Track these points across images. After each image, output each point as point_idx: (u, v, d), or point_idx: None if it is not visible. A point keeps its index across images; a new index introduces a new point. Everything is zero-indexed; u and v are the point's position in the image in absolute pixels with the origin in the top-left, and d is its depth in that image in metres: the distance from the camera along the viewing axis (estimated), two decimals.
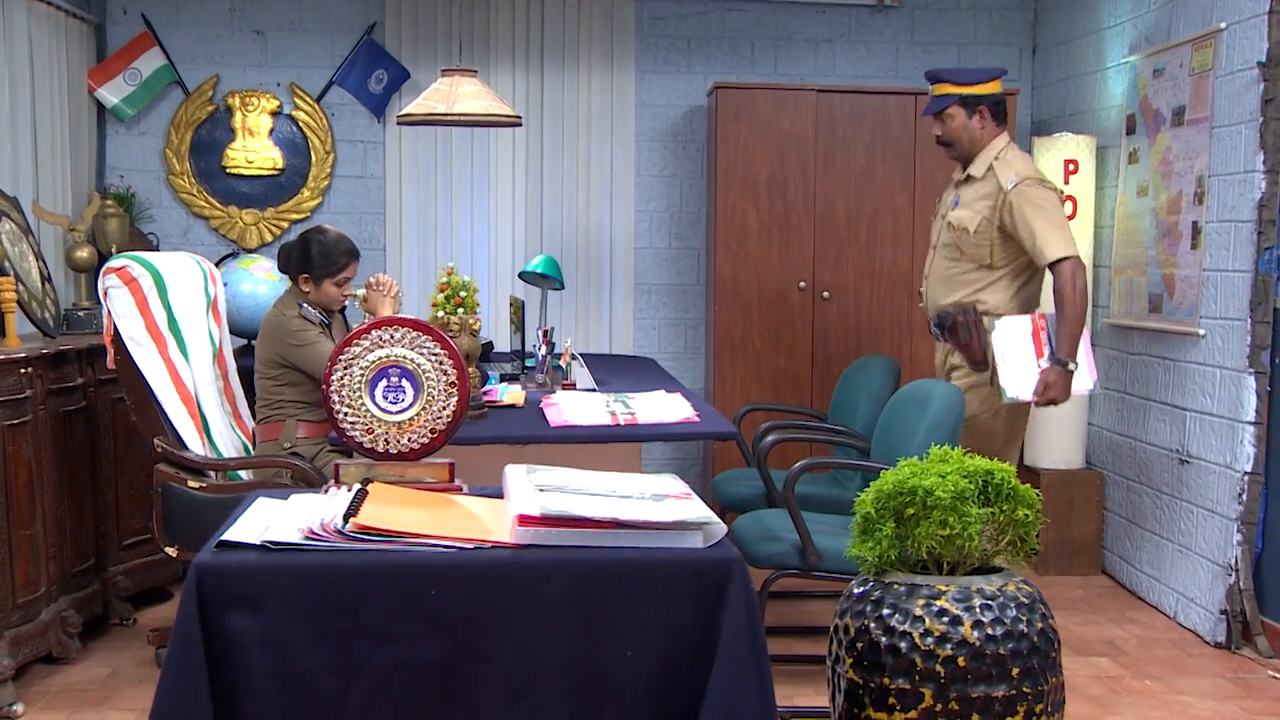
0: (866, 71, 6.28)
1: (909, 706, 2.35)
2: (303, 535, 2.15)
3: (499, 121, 4.65)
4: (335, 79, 6.12)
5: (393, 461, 2.55)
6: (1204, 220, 4.72)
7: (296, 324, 4.24)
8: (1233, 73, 4.57)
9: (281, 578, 2.09)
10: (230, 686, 2.07)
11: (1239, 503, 4.51)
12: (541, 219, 6.15)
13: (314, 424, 4.30)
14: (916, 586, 2.43)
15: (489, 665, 2.14)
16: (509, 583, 2.14)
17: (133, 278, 4.14)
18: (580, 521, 2.18)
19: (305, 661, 2.08)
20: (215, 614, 2.06)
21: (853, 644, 2.45)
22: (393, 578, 2.12)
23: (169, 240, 6.10)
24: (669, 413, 3.77)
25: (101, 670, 4.27)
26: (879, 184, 5.85)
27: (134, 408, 4.16)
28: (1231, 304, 4.56)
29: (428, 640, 2.12)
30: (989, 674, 2.33)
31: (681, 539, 2.21)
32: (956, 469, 2.44)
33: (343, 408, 2.52)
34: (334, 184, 6.18)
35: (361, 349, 2.53)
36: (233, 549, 2.15)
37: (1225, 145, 4.60)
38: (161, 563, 5.00)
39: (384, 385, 2.53)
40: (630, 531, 2.19)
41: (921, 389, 4.16)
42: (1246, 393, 4.49)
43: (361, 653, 2.11)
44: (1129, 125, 5.33)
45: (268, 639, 2.07)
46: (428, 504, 2.38)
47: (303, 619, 2.09)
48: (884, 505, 2.48)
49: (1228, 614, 4.56)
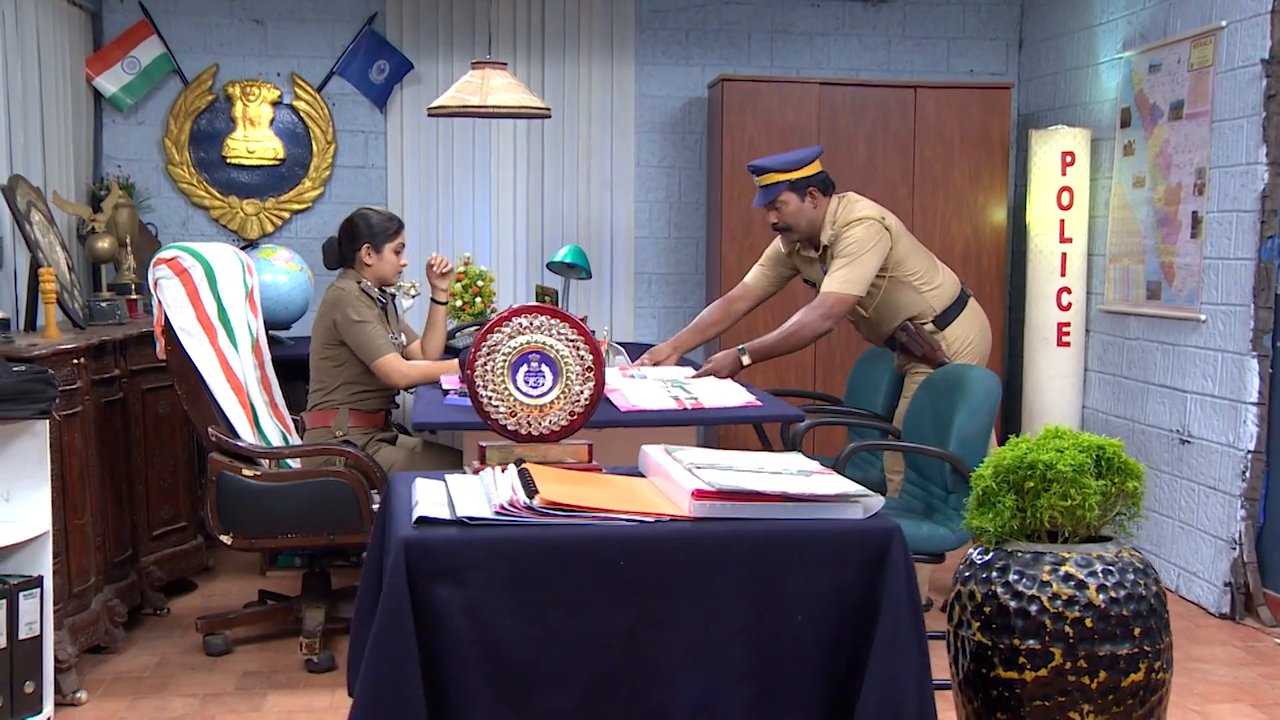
0: (860, 64, 6.49)
1: (1039, 665, 2.54)
2: (494, 510, 2.27)
3: (531, 113, 4.77)
4: (336, 69, 6.17)
5: (534, 443, 2.67)
6: (1204, 210, 4.99)
7: (357, 298, 4.34)
8: (1234, 69, 4.83)
9: (480, 551, 2.22)
10: (435, 655, 2.19)
11: (1242, 480, 4.79)
12: (543, 209, 6.26)
13: (365, 413, 4.39)
14: (1040, 554, 2.62)
15: (672, 631, 2.29)
16: (691, 553, 2.29)
17: (184, 269, 4.18)
18: (753, 495, 2.33)
19: (504, 630, 2.22)
20: (421, 586, 2.18)
21: (979, 608, 2.63)
22: (584, 550, 2.26)
23: (168, 231, 6.11)
24: (729, 398, 3.92)
25: (150, 659, 4.31)
26: (880, 176, 6.05)
27: (185, 397, 4.21)
28: (1234, 290, 4.83)
29: (616, 609, 2.27)
30: (1114, 634, 2.53)
31: (843, 510, 2.38)
32: (1073, 444, 2.63)
33: (487, 391, 2.63)
34: (335, 174, 6.23)
35: (503, 335, 2.65)
36: (431, 525, 2.26)
37: (1227, 139, 4.87)
38: (188, 553, 5.06)
39: (525, 370, 2.65)
40: (798, 504, 2.35)
41: (955, 373, 4.35)
42: (1249, 375, 4.76)
43: (555, 621, 2.25)
44: (1124, 118, 5.59)
45: (470, 609, 2.20)
46: (589, 482, 2.52)
47: (501, 590, 2.22)
48: (1003, 479, 2.66)
49: (1232, 586, 4.83)
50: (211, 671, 4.21)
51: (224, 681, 4.11)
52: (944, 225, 6.13)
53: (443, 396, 4.04)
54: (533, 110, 4.73)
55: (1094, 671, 2.52)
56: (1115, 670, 2.52)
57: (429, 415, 3.72)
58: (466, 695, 2.20)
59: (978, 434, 4.08)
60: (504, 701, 2.22)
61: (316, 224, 6.20)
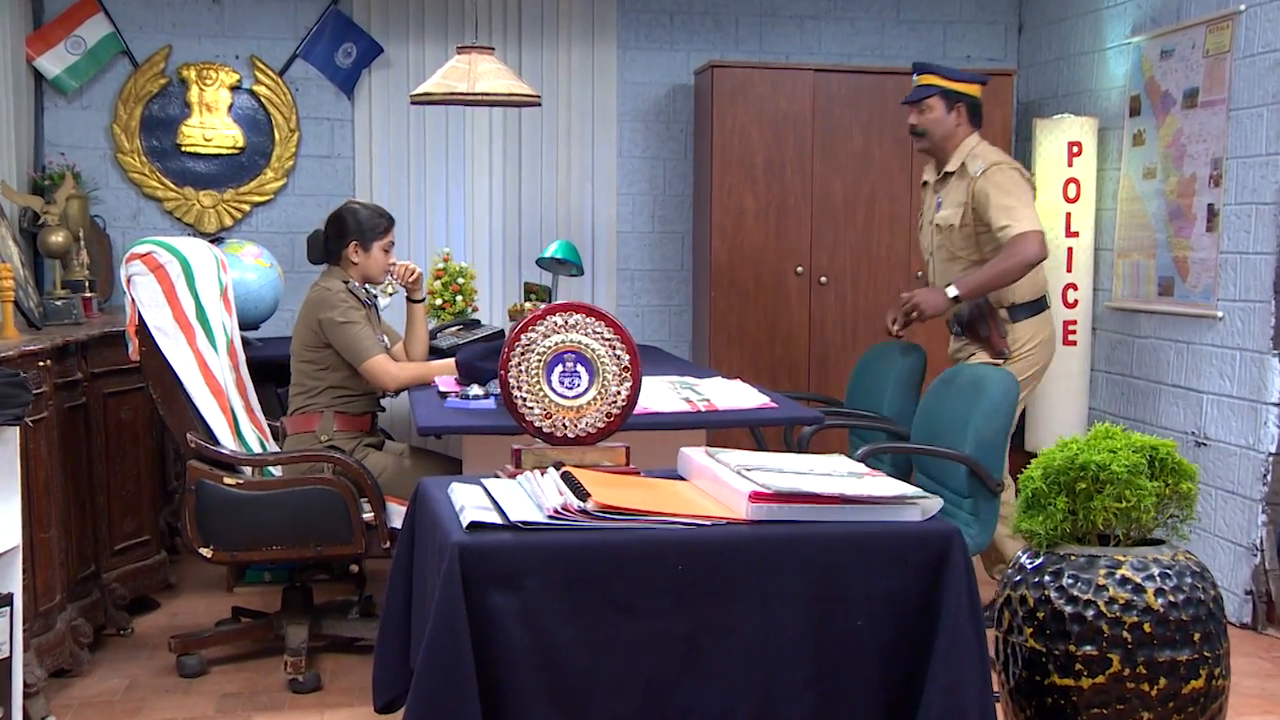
0: (852, 50, 6.61)
1: (1096, 672, 2.65)
2: (547, 515, 2.34)
3: (521, 101, 4.83)
4: (299, 52, 6.20)
5: (570, 445, 2.74)
6: (1221, 203, 5.15)
7: (343, 298, 4.38)
8: (1253, 55, 4.99)
9: (536, 556, 2.30)
10: (489, 663, 2.26)
11: (1263, 484, 4.94)
12: (520, 202, 6.33)
13: (351, 417, 4.44)
14: (1095, 558, 2.73)
15: (731, 637, 2.38)
16: (750, 557, 2.39)
17: (159, 264, 4.21)
18: (811, 498, 2.42)
19: (560, 637, 2.30)
20: (477, 591, 2.25)
21: (1032, 614, 2.74)
22: (642, 554, 2.34)
23: (117, 224, 6.12)
24: (742, 399, 4.01)
25: (119, 682, 4.34)
26: (877, 166, 6.18)
27: (161, 402, 4.24)
28: (1253, 286, 4.99)
29: (674, 613, 2.35)
30: (1173, 639, 2.65)
31: (901, 513, 2.48)
32: (1125, 445, 2.75)
33: (521, 393, 2.70)
34: (299, 164, 6.26)
35: (538, 334, 2.73)
36: (483, 530, 2.33)
37: (1245, 128, 5.03)
38: (152, 569, 5.08)
39: (559, 371, 2.72)
40: (856, 507, 2.45)
41: (971, 373, 4.47)
42: (1270, 374, 4.92)
43: (612, 627, 2.33)
44: (1133, 107, 5.75)
45: (526, 615, 2.28)
46: (635, 485, 2.60)
47: (558, 595, 2.30)
48: (1054, 481, 2.77)
49: (1253, 594, 4.99)
50: (188, 694, 4.23)
51: (202, 704, 4.14)
52: None
53: (442, 399, 4.09)
54: (523, 98, 4.80)
55: (1153, 678, 2.63)
56: (1175, 677, 2.64)
57: (433, 419, 3.78)
58: (522, 704, 2.28)
59: (996, 436, 4.20)
60: (560, 709, 2.30)
61: (279, 217, 6.23)
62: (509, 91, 4.79)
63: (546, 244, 6.17)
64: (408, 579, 2.73)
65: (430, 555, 2.50)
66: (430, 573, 2.48)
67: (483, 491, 2.58)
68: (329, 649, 4.54)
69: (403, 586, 2.74)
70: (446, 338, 5.06)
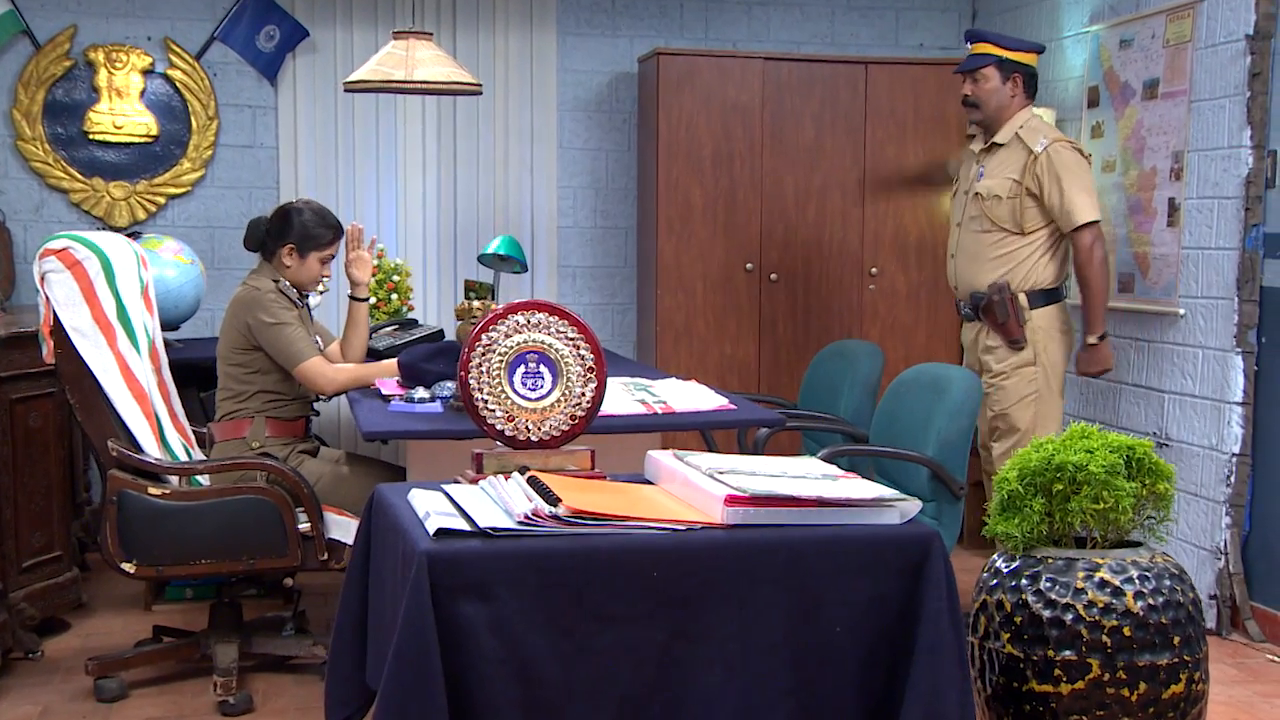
0: (801, 37, 6.70)
1: (1076, 678, 2.73)
2: (517, 521, 2.38)
3: (462, 90, 4.86)
4: (217, 34, 6.18)
5: (533, 449, 2.78)
6: (1182, 197, 5.29)
7: (273, 298, 4.37)
8: (1215, 45, 5.13)
9: (508, 563, 2.34)
10: (461, 675, 2.30)
11: (1227, 485, 5.09)
12: (455, 195, 6.35)
13: (283, 422, 4.44)
14: (1073, 560, 2.82)
15: (707, 645, 2.44)
16: (726, 562, 2.44)
17: (76, 260, 4.18)
18: (788, 501, 2.48)
19: (532, 647, 2.34)
20: (445, 602, 2.28)
21: (1009, 619, 2.82)
22: (616, 561, 2.39)
23: (18, 217, 6.05)
24: (699, 401, 4.07)
25: (30, 709, 4.29)
26: (828, 159, 6.27)
27: (79, 407, 4.21)
28: (1215, 282, 5.13)
29: (649, 622, 2.40)
30: (1153, 643, 2.74)
31: (880, 515, 2.55)
32: (1103, 445, 2.84)
33: (482, 395, 2.74)
34: (218, 154, 6.24)
35: (499, 334, 2.76)
36: (452, 537, 2.36)
37: (1207, 120, 5.17)
38: (63, 587, 5.02)
39: (522, 371, 2.76)
40: (833, 509, 2.51)
41: (932, 373, 4.56)
42: (1233, 373, 5.06)
43: (586, 636, 2.38)
44: (1091, 98, 5.89)
45: (497, 625, 2.32)
46: (604, 490, 2.65)
47: (529, 604, 2.34)
48: (1029, 482, 2.86)
49: (1217, 599, 5.13)
50: (107, 719, 4.21)
51: None
52: (897, 214, 6.37)
53: (385, 403, 4.11)
54: (464, 87, 4.82)
55: (1134, 683, 2.72)
56: (1156, 681, 2.73)
57: (377, 424, 3.79)
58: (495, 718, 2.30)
59: (959, 438, 4.30)
60: None
61: (198, 210, 6.20)
62: (449, 80, 4.81)
63: (484, 239, 6.20)
64: (363, 591, 2.76)
65: (391, 565, 2.52)
66: (392, 583, 2.50)
67: (445, 498, 2.61)
68: (260, 668, 4.53)
69: (358, 599, 2.76)
70: (383, 338, 5.07)
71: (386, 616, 2.53)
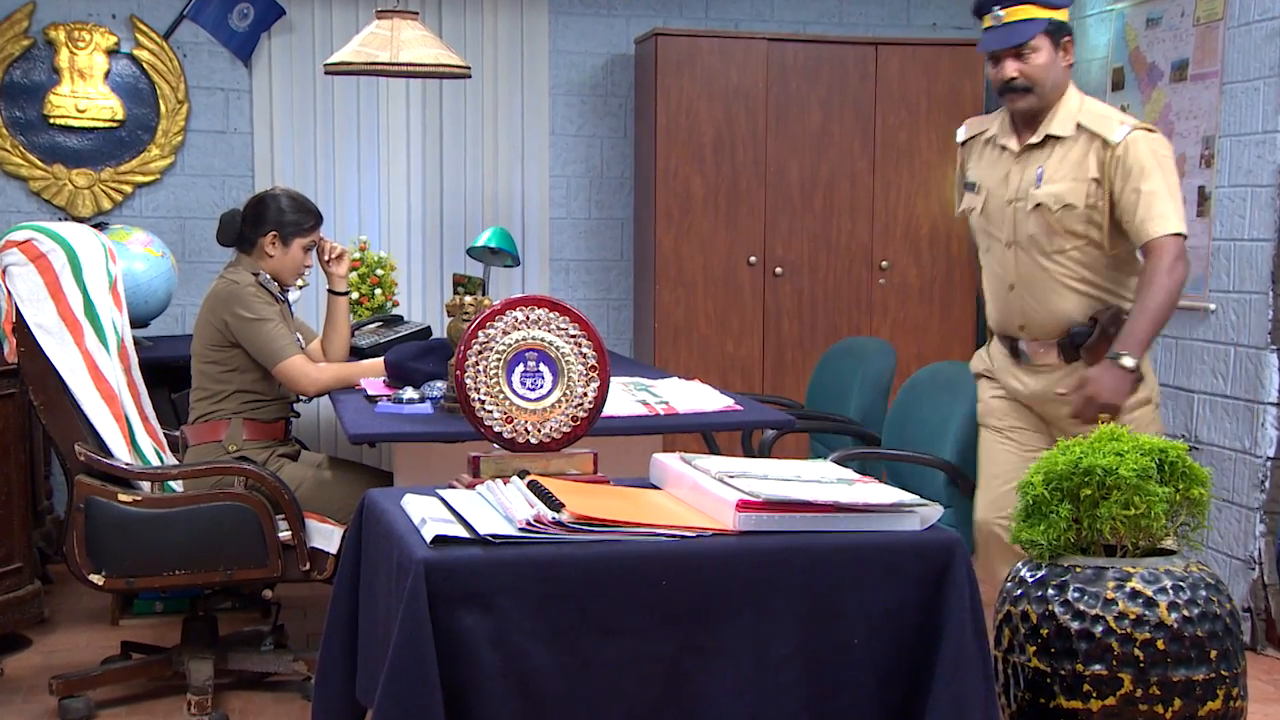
0: (808, 17, 6.73)
1: (1107, 693, 2.75)
2: (518, 527, 2.40)
3: (450, 73, 4.88)
4: (187, 12, 6.19)
5: (532, 452, 2.79)
6: (1213, 185, 5.32)
7: (253, 292, 4.39)
8: (1248, 24, 5.15)
9: (509, 572, 2.36)
10: (460, 689, 2.32)
11: (1261, 491, 5.11)
12: (442, 184, 6.37)
13: (262, 424, 4.45)
14: (1102, 569, 2.83)
15: (718, 658, 2.46)
16: (738, 570, 2.47)
17: (41, 253, 4.19)
18: (804, 506, 2.50)
19: (535, 660, 2.36)
20: (443, 612, 2.30)
21: (1035, 631, 2.84)
22: (622, 569, 2.41)
23: None
24: (703, 401, 4.09)
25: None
26: (836, 146, 6.29)
27: (43, 409, 4.22)
28: (1248, 276, 5.15)
29: (657, 633, 2.43)
30: (1188, 657, 2.76)
31: (899, 521, 2.57)
32: (1133, 447, 2.86)
33: (479, 395, 2.76)
34: (189, 139, 6.25)
35: (497, 331, 2.78)
36: (451, 544, 2.38)
37: (1239, 103, 5.19)
38: (24, 600, 5.02)
39: (521, 370, 2.78)
40: (850, 515, 2.53)
41: (948, 372, 4.59)
42: (1268, 371, 5.08)
43: (591, 649, 2.40)
44: (1116, 80, 5.92)
45: (498, 638, 2.34)
46: (608, 494, 2.67)
47: (532, 615, 2.36)
48: (1056, 487, 2.88)
49: (1251, 612, 5.15)
50: None
51: None
52: (908, 202, 6.39)
53: (371, 404, 4.12)
54: (453, 69, 4.85)
55: (1168, 699, 2.74)
56: (1191, 698, 2.75)
57: (364, 426, 3.81)
58: None
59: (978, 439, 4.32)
60: None
61: (167, 200, 6.21)
62: (437, 62, 4.84)
63: (472, 231, 6.22)
64: (353, 602, 2.77)
65: (385, 575, 2.54)
66: (385, 594, 2.52)
67: (441, 503, 2.63)
68: (237, 686, 4.54)
69: (347, 610, 2.77)
70: (366, 335, 5.09)
71: (379, 629, 2.55)
